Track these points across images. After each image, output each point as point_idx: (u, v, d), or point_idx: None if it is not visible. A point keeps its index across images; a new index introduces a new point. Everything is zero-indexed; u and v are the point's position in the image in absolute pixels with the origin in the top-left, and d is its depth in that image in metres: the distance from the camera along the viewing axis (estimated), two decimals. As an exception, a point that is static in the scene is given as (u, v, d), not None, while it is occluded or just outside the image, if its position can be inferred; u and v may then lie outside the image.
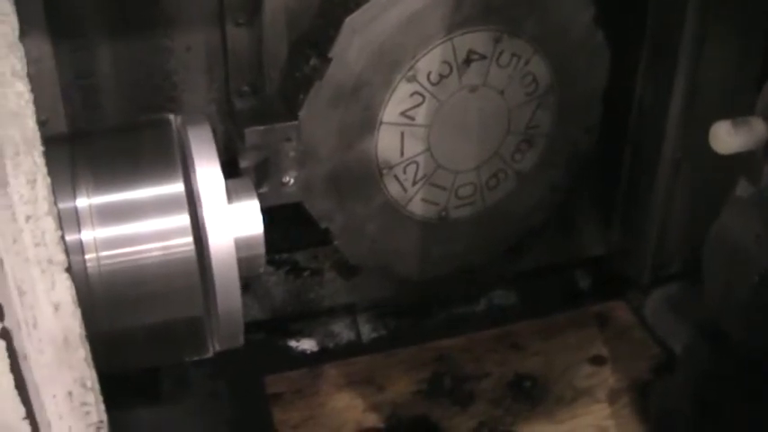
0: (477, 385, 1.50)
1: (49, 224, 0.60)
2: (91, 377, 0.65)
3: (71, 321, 0.63)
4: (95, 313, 0.94)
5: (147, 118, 1.13)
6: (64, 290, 0.62)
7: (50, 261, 0.61)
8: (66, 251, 0.63)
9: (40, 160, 0.59)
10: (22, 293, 0.60)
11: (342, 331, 1.60)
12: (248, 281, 1.38)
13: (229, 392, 1.48)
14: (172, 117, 1.05)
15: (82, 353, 0.64)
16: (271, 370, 1.52)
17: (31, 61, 1.18)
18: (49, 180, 0.60)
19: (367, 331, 1.59)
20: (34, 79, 1.14)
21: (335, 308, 1.59)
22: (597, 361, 1.55)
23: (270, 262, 1.48)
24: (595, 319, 1.63)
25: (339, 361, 1.54)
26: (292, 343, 1.57)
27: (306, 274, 1.54)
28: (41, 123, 1.25)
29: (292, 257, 1.53)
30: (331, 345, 1.58)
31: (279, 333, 1.57)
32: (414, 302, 1.60)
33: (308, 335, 1.58)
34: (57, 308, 0.62)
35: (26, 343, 0.61)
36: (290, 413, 1.45)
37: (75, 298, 0.63)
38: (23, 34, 0.57)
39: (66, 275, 0.61)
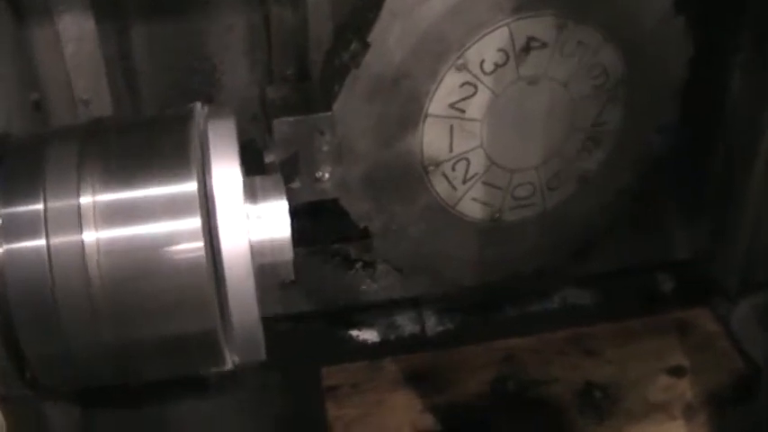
0: (543, 391, 1.44)
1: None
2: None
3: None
4: (97, 321, 0.88)
5: (171, 109, 1.06)
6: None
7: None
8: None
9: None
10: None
11: (405, 323, 1.55)
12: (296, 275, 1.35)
13: (283, 385, 1.45)
14: (198, 108, 0.98)
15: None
16: (329, 361, 1.48)
17: (72, 39, 1.15)
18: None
19: (432, 324, 1.55)
20: (74, 57, 1.06)
21: (392, 301, 1.53)
22: (675, 372, 1.46)
23: (320, 253, 1.45)
24: (676, 327, 1.54)
25: (401, 355, 1.50)
26: (353, 332, 1.54)
27: (358, 266, 1.49)
28: (84, 103, 1.24)
29: (343, 248, 1.48)
30: (393, 337, 1.53)
31: (340, 322, 1.54)
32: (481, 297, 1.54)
33: (370, 325, 1.54)
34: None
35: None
36: (344, 409, 1.42)
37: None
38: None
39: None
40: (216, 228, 0.89)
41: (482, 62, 1.23)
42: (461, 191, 1.34)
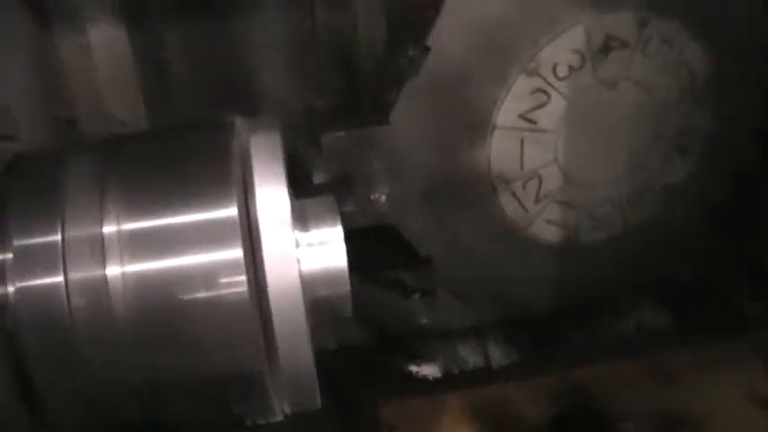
0: (619, 424, 1.34)
1: None
2: None
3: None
4: (123, 365, 0.80)
5: (206, 121, 0.97)
6: None
7: None
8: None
9: None
10: None
11: (468, 355, 1.47)
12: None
13: (337, 421, 1.37)
14: (237, 121, 0.89)
15: None
16: (386, 397, 1.40)
17: (102, 50, 1.11)
18: None
19: (497, 356, 1.47)
20: (105, 69, 1.08)
21: (453, 331, 1.45)
22: (764, 401, 1.37)
23: (373, 281, 1.39)
24: (763, 351, 1.44)
25: (464, 390, 1.42)
26: (412, 367, 1.45)
27: (415, 295, 1.41)
28: (116, 118, 1.17)
29: (399, 276, 1.41)
30: (456, 370, 1.46)
31: (398, 355, 1.46)
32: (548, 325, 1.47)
33: (431, 358, 1.46)
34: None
35: None
36: (404, 448, 1.36)
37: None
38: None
39: None
40: (261, 258, 0.81)
41: (555, 66, 1.15)
42: (534, 212, 1.26)
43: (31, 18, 1.07)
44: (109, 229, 0.79)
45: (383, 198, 1.17)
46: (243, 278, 0.80)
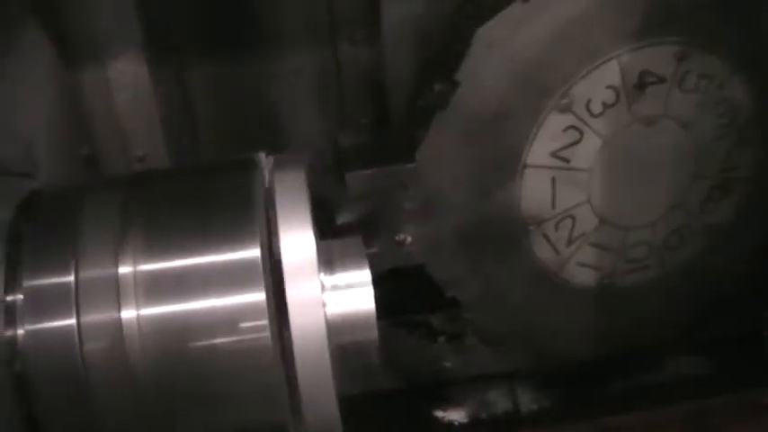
0: None
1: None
2: None
3: None
4: (140, 414, 0.76)
5: (229, 159, 0.94)
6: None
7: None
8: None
9: None
10: None
11: (497, 400, 1.44)
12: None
13: None
14: (261, 158, 0.87)
15: None
16: None
17: (125, 86, 1.09)
18: None
19: (527, 401, 1.44)
20: (127, 106, 1.06)
21: (481, 376, 1.43)
22: None
23: (399, 324, 1.37)
24: None
25: None
26: (438, 413, 1.43)
27: (441, 339, 1.40)
28: (138, 157, 1.15)
29: (425, 319, 1.39)
30: (484, 416, 1.43)
31: (423, 400, 1.44)
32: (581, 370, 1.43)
33: (458, 404, 1.44)
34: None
35: None
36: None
37: None
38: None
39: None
40: (285, 302, 0.77)
41: (588, 102, 1.13)
42: (566, 254, 1.23)
43: (56, 54, 1.06)
44: (125, 269, 0.76)
45: (409, 239, 1.15)
46: (265, 323, 0.76)
